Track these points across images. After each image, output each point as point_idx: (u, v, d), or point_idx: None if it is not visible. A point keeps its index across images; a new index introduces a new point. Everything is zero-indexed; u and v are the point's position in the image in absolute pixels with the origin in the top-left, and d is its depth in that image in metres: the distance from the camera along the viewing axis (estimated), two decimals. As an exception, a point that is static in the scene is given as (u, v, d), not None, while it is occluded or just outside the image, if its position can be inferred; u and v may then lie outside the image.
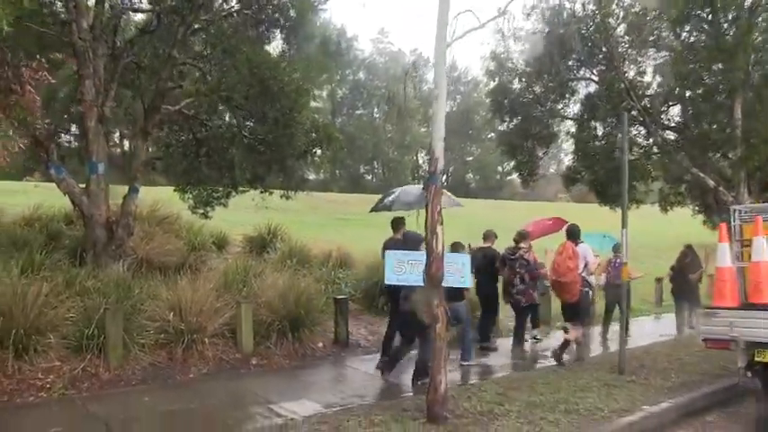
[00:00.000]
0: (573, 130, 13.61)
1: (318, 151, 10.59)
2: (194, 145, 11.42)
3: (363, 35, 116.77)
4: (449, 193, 9.44)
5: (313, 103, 10.18)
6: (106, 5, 9.81)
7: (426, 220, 5.82)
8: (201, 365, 7.50)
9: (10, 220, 12.19)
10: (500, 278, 9.73)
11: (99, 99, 9.67)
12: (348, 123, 57.50)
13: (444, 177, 67.96)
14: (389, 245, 7.74)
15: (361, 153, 55.87)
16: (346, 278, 11.55)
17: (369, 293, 10.96)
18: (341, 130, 55.26)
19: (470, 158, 68.27)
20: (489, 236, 9.96)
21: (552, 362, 8.51)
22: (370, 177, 61.96)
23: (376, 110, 61.07)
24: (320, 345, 8.90)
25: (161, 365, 7.27)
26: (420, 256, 6.01)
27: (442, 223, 5.87)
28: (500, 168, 70.65)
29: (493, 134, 68.09)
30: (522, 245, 9.38)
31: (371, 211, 9.94)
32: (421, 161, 69.16)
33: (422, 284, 5.78)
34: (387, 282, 6.88)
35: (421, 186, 8.83)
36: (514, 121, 12.99)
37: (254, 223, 15.23)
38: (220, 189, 11.46)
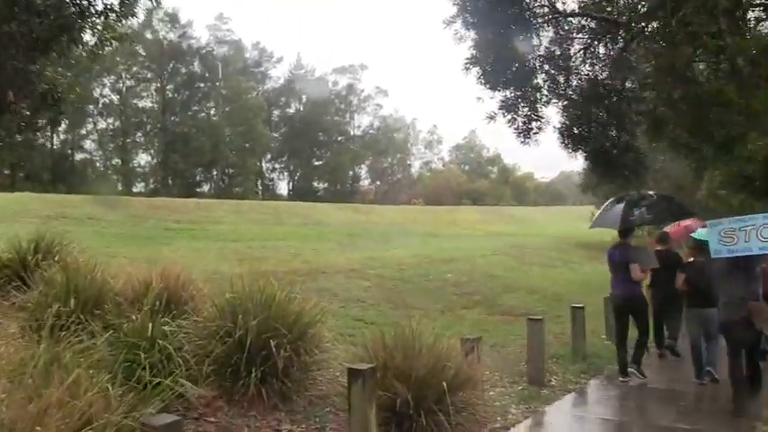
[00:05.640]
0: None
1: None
2: None
3: (199, 21, 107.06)
4: None
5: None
6: None
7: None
8: None
9: None
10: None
11: None
12: (181, 123, 49.71)
13: (289, 184, 62.65)
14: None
15: (197, 156, 48.19)
16: (181, 333, 5.84)
17: (228, 360, 5.58)
18: (172, 131, 47.67)
19: (319, 163, 63.51)
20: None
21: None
22: (207, 187, 53.93)
23: (214, 109, 53.84)
24: None
25: None
26: (754, 219, 5.37)
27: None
28: (351, 173, 66.69)
29: (342, 137, 64.68)
30: None
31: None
32: (265, 167, 62.64)
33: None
34: (715, 255, 5.83)
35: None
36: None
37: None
38: None
